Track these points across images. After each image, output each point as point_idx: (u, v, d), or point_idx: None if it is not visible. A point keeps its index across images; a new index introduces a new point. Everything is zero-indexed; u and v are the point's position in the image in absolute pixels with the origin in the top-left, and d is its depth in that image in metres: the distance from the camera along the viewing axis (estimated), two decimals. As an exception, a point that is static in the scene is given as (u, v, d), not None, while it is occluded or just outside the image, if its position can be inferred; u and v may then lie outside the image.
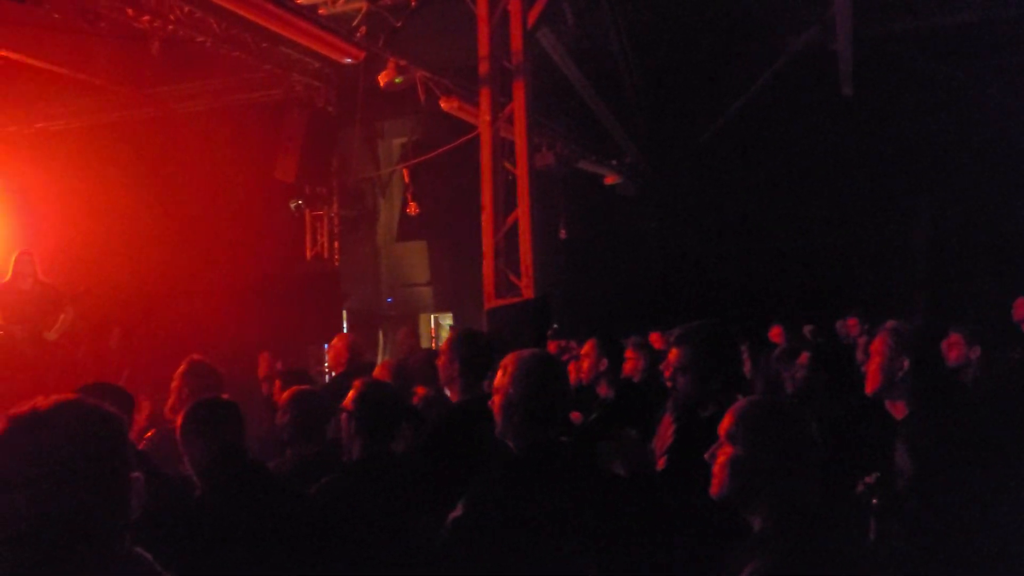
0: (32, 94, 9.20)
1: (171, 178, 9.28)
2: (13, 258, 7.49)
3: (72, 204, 9.53)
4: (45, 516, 1.34)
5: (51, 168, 9.81)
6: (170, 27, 7.12)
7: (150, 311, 8.59)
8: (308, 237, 9.20)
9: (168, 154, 9.29)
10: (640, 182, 10.83)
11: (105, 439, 1.42)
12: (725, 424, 1.82)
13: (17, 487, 1.35)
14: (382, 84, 7.49)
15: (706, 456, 1.81)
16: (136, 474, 1.47)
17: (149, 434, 3.75)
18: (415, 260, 10.86)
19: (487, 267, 6.53)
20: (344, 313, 9.02)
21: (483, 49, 6.68)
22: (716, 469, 1.79)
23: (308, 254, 9.17)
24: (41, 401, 1.42)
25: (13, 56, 7.79)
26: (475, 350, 3.35)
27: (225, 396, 3.10)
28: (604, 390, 4.11)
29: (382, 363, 5.22)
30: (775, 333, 7.03)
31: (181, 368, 3.79)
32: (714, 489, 1.80)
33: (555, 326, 6.16)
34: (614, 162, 10.55)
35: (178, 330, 8.19)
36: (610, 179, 10.61)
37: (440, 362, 3.39)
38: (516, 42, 6.61)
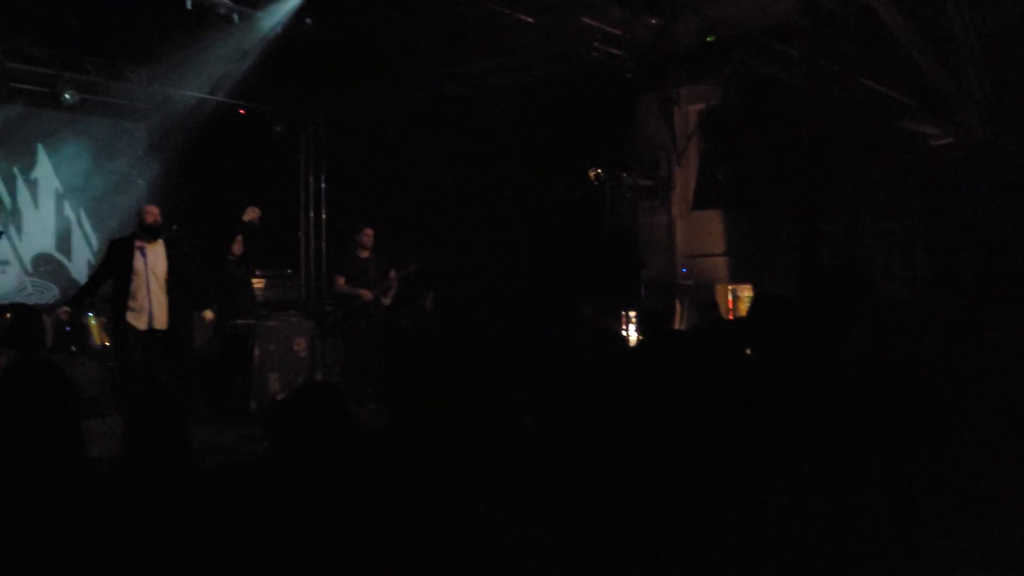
0: (352, 77, 10.09)
1: (479, 153, 9.77)
2: (356, 232, 8.52)
3: (391, 181, 10.40)
4: None
5: (371, 147, 10.76)
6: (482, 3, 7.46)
7: (459, 278, 9.15)
8: (606, 206, 9.28)
9: (475, 129, 9.78)
10: (972, 142, 9.60)
11: None
12: None
13: None
14: (688, 46, 7.30)
15: None
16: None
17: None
18: (711, 230, 10.51)
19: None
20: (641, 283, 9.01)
21: (802, 5, 6.23)
22: None
23: (606, 223, 9.25)
24: None
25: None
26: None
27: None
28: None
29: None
30: None
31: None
32: None
33: None
34: (943, 120, 9.44)
35: (482, 294, 8.67)
36: (937, 139, 9.53)
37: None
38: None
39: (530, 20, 8.16)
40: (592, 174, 9.05)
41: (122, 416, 6.13)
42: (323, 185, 11.69)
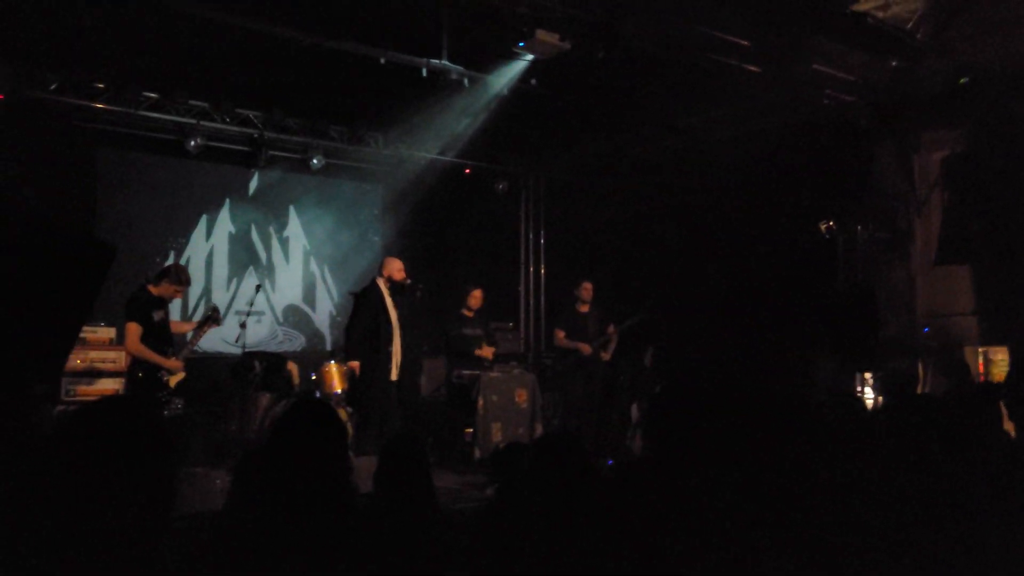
0: (573, 133, 10.29)
1: (699, 206, 9.61)
2: (576, 286, 8.64)
3: (610, 235, 10.45)
4: None
5: (590, 201, 10.88)
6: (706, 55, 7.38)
7: (684, 334, 8.95)
8: (839, 260, 8.76)
9: (696, 182, 9.63)
10: None
11: None
12: None
13: None
14: (930, 89, 6.82)
15: None
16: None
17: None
18: (957, 286, 9.62)
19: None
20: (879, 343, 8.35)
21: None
22: None
23: (839, 278, 8.73)
24: None
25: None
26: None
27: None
28: None
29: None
30: None
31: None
32: None
33: None
34: None
35: (708, 353, 8.41)
36: None
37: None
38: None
39: (755, 70, 7.96)
40: (823, 227, 8.59)
41: (357, 455, 6.47)
42: (542, 240, 11.95)
